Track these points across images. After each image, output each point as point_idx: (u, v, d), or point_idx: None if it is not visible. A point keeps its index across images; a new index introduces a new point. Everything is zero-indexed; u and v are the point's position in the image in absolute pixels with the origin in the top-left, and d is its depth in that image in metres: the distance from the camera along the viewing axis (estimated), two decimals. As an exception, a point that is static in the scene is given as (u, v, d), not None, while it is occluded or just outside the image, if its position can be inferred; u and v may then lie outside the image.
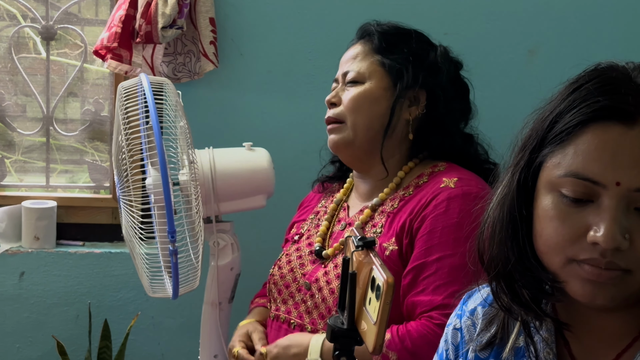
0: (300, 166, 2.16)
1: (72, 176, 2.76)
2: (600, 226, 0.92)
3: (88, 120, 2.71)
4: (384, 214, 1.73)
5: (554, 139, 0.97)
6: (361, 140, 1.78)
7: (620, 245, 0.92)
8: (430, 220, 1.64)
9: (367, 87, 1.78)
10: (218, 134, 2.47)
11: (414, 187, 1.74)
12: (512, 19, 2.59)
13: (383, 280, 1.01)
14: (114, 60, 2.38)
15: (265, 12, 2.54)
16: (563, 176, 0.95)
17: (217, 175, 1.99)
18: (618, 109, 0.93)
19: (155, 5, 2.32)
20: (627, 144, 0.92)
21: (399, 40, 1.83)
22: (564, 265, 0.97)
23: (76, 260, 2.60)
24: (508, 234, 1.02)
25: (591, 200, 0.94)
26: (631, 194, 0.92)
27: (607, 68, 0.99)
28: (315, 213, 1.91)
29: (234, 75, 2.55)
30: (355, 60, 1.83)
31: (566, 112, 0.97)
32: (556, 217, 0.96)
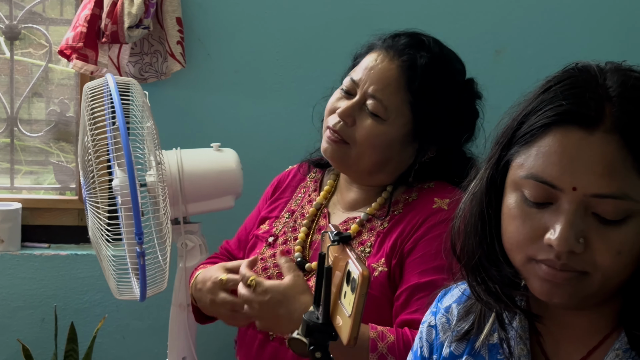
0: (269, 166, 2.15)
1: (37, 177, 2.74)
2: (556, 229, 0.93)
3: (53, 120, 2.68)
4: (372, 232, 1.66)
5: (520, 138, 0.98)
6: (361, 169, 1.68)
7: (574, 248, 0.93)
8: (424, 243, 1.59)
9: (388, 130, 1.63)
10: (185, 135, 2.46)
11: (404, 203, 1.67)
12: (478, 18, 2.60)
13: (358, 273, 1.02)
14: (79, 60, 2.36)
15: (233, 12, 2.53)
16: (524, 177, 0.96)
17: (185, 176, 1.99)
18: (579, 113, 0.93)
19: (121, 5, 2.30)
20: (586, 149, 0.92)
21: (438, 87, 1.65)
22: (524, 264, 0.98)
23: (41, 262, 2.57)
24: (477, 228, 1.04)
25: (551, 202, 0.95)
26: (588, 199, 0.93)
27: (579, 69, 0.99)
28: (290, 212, 1.82)
29: (201, 75, 2.54)
30: (387, 89, 1.63)
31: (533, 113, 0.97)
32: (518, 217, 0.97)
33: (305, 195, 1.83)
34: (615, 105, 0.93)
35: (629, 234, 0.93)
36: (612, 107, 0.93)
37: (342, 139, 1.66)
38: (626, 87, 0.95)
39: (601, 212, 0.93)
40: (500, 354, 1.07)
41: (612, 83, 0.96)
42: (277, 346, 1.69)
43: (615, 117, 0.92)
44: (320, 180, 1.84)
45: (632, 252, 0.94)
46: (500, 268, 1.02)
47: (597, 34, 2.62)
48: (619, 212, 0.92)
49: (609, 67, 0.99)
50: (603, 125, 0.93)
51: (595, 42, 2.60)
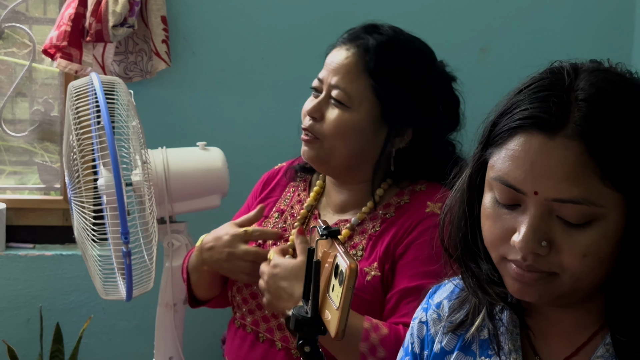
0: (255, 165, 2.15)
1: (21, 177, 2.72)
2: (521, 231, 0.95)
3: (37, 120, 2.66)
4: (364, 235, 1.65)
5: (493, 140, 0.99)
6: (337, 162, 1.67)
7: (537, 251, 0.94)
8: (416, 247, 1.58)
9: (355, 116, 1.63)
10: (171, 134, 2.45)
11: (395, 207, 1.66)
12: (464, 17, 2.61)
13: (346, 265, 1.03)
14: (63, 60, 2.35)
15: (218, 10, 2.53)
16: (493, 180, 0.98)
17: (171, 175, 1.98)
18: (541, 118, 0.94)
19: (105, 4, 2.29)
20: (547, 154, 0.93)
21: (398, 65, 1.65)
22: (499, 262, 1.00)
23: (26, 263, 2.55)
24: (460, 224, 1.06)
25: (519, 204, 0.96)
26: (550, 203, 0.94)
27: (551, 72, 0.99)
28: (280, 212, 1.81)
29: (187, 73, 2.53)
30: (346, 77, 1.64)
31: (504, 115, 0.99)
32: (491, 217, 0.99)
33: (295, 195, 1.82)
34: (580, 109, 0.93)
35: (593, 237, 0.93)
36: (578, 111, 0.93)
37: (315, 136, 1.66)
38: (596, 91, 0.95)
39: (564, 216, 0.94)
40: (492, 350, 1.07)
41: (582, 85, 0.96)
42: (267, 348, 1.69)
43: (579, 122, 0.93)
44: (309, 180, 1.83)
45: (599, 254, 0.94)
46: (479, 265, 1.05)
47: (581, 32, 2.63)
48: (581, 217, 0.93)
49: (585, 67, 0.99)
50: (565, 130, 0.93)
51: (579, 40, 2.61)
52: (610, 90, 0.96)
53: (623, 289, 0.97)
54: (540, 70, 1.01)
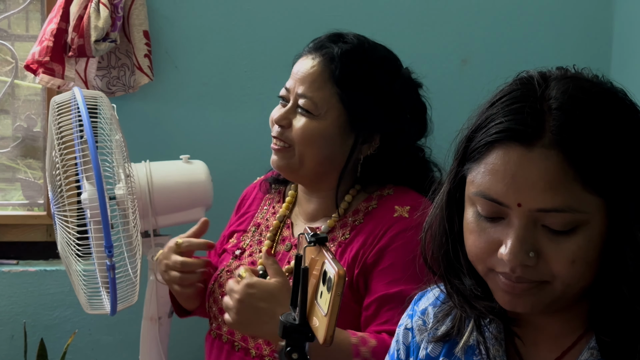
0: (238, 178, 2.15)
1: (4, 194, 2.71)
2: (507, 244, 0.95)
3: (20, 136, 2.66)
4: (334, 242, 1.66)
5: (470, 155, 0.99)
6: (307, 171, 1.68)
7: (525, 262, 0.94)
8: (390, 253, 1.59)
9: (322, 124, 1.65)
10: (155, 147, 2.45)
11: (364, 213, 1.67)
12: (444, 28, 2.63)
13: (334, 272, 1.03)
14: (46, 75, 2.35)
15: (200, 24, 2.54)
16: (474, 195, 0.98)
17: (154, 189, 1.98)
18: (518, 130, 0.94)
19: (87, 19, 2.29)
20: (526, 165, 0.93)
21: (362, 72, 1.66)
22: (486, 274, 1.00)
23: (10, 279, 2.54)
24: (441, 241, 1.06)
25: (502, 217, 0.96)
26: (534, 214, 0.94)
27: (521, 82, 0.99)
28: (256, 225, 1.82)
29: (170, 87, 2.54)
30: (312, 85, 1.66)
31: (479, 129, 0.99)
32: (474, 231, 0.99)
33: (270, 207, 1.83)
34: (555, 118, 0.94)
35: (580, 243, 0.94)
36: (553, 120, 0.94)
37: (284, 144, 1.68)
38: (568, 98, 0.95)
39: (550, 224, 0.94)
40: (477, 355, 1.08)
41: (554, 93, 0.96)
42: (242, 356, 1.68)
43: (555, 131, 0.93)
44: (283, 191, 1.84)
45: (587, 259, 0.95)
46: (462, 281, 1.05)
47: (561, 43, 2.65)
48: (566, 224, 0.93)
49: (554, 75, 1.00)
50: (542, 140, 0.93)
51: (559, 51, 2.63)
52: (582, 97, 0.96)
53: (607, 290, 0.97)
54: (509, 82, 1.01)
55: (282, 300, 1.50)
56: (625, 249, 0.95)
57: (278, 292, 1.52)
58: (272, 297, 1.51)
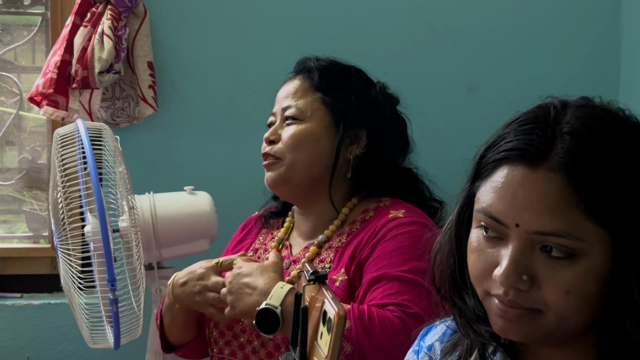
0: (243, 209, 2.13)
1: (10, 226, 2.70)
2: (502, 264, 0.94)
3: (25, 168, 2.65)
4: (331, 249, 1.71)
5: (480, 173, 0.99)
6: (300, 178, 1.75)
7: (517, 285, 0.93)
8: (381, 245, 1.64)
9: (308, 126, 1.75)
10: (159, 179, 2.44)
11: (361, 222, 1.73)
12: (451, 57, 2.62)
13: (334, 312, 1.01)
14: (50, 107, 2.34)
15: (205, 55, 2.53)
16: (478, 212, 0.98)
17: (158, 221, 1.97)
18: (524, 150, 0.94)
19: (91, 50, 2.29)
20: (528, 186, 0.92)
21: (339, 77, 1.80)
22: (483, 297, 0.99)
23: (14, 312, 2.52)
24: (449, 262, 1.05)
25: (502, 237, 0.95)
26: (531, 236, 0.92)
27: (539, 106, 1.00)
28: (254, 250, 1.86)
29: (174, 118, 2.53)
30: (295, 96, 1.79)
31: (491, 148, 0.99)
32: (475, 251, 0.98)
33: (269, 235, 1.87)
34: (564, 142, 0.93)
35: (577, 274, 0.91)
36: (561, 144, 0.93)
37: (273, 158, 1.76)
38: (581, 124, 0.94)
39: (547, 249, 0.92)
40: None
41: (568, 119, 0.95)
42: None
43: (561, 154, 0.92)
44: (282, 221, 1.89)
45: (584, 292, 0.92)
46: (465, 301, 1.04)
47: (569, 70, 2.64)
48: (563, 250, 0.91)
49: (574, 103, 0.99)
50: (547, 162, 0.92)
51: (567, 78, 2.62)
52: (595, 125, 0.95)
53: (613, 329, 0.94)
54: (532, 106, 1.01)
55: (265, 273, 1.57)
56: (631, 286, 0.92)
57: (263, 268, 1.59)
58: (256, 272, 1.58)
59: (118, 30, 2.31)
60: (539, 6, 2.65)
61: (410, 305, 1.53)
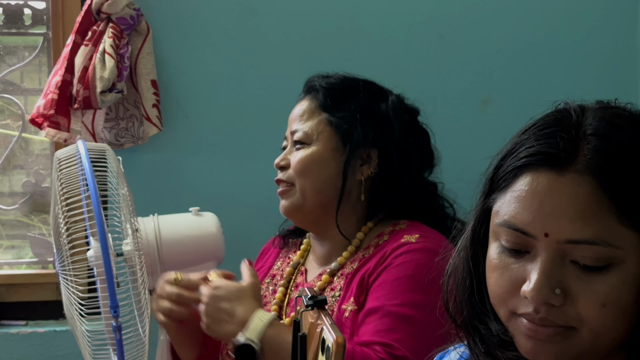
0: (252, 230, 2.09)
1: (18, 251, 2.66)
2: (531, 279, 0.87)
3: (28, 192, 2.61)
4: (342, 276, 1.66)
5: (497, 184, 0.93)
6: (311, 204, 1.70)
7: (550, 300, 0.86)
8: (386, 272, 1.58)
9: (315, 150, 1.70)
10: (164, 200, 2.41)
11: (374, 246, 1.67)
12: (463, 68, 2.59)
13: (332, 340, 0.95)
14: (51, 129, 2.30)
15: (211, 73, 2.50)
16: (499, 225, 0.91)
17: (163, 244, 1.92)
18: (549, 154, 0.88)
19: (92, 70, 2.25)
20: (556, 192, 0.86)
21: (345, 94, 1.74)
22: (508, 319, 0.92)
23: (18, 341, 2.47)
24: (465, 284, 0.98)
25: (528, 251, 0.89)
26: (562, 246, 0.86)
27: (557, 110, 0.95)
28: (271, 277, 1.82)
29: (180, 138, 2.50)
30: (302, 118, 1.75)
31: (508, 156, 0.93)
32: (497, 268, 0.91)
33: (286, 258, 1.83)
34: (590, 143, 0.87)
35: (613, 284, 0.85)
36: (587, 145, 0.87)
37: (286, 185, 1.72)
38: (605, 124, 0.89)
39: (580, 259, 0.86)
40: None
41: (590, 121, 0.90)
42: None
43: (589, 156, 0.86)
44: (300, 242, 1.84)
45: (621, 304, 0.86)
46: (489, 326, 0.96)
47: (585, 79, 2.61)
48: (597, 259, 0.85)
49: (592, 105, 0.94)
50: (575, 165, 0.87)
51: (583, 88, 2.58)
52: (620, 124, 0.89)
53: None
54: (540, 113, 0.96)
55: (243, 300, 1.53)
56: None
57: (241, 292, 1.55)
58: (234, 297, 1.54)
59: (120, 48, 2.27)
60: (554, 15, 2.62)
61: (397, 347, 1.47)
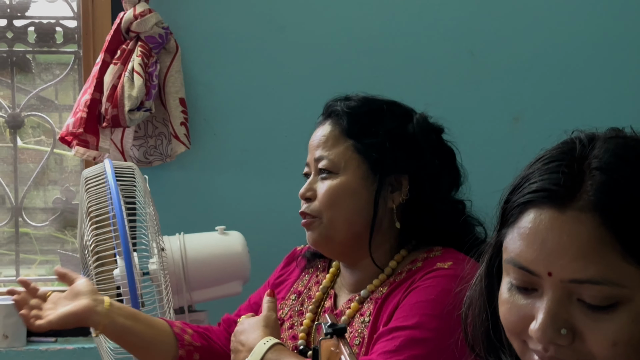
0: (277, 249, 2.05)
1: (52, 267, 2.67)
2: (537, 318, 0.84)
3: (59, 209, 2.62)
4: (372, 301, 1.59)
5: (506, 219, 0.90)
6: (342, 236, 1.62)
7: (556, 341, 0.83)
8: (410, 295, 1.52)
9: (344, 179, 1.62)
10: (192, 218, 2.39)
11: (406, 272, 1.59)
12: (494, 85, 2.55)
13: None
14: (80, 147, 2.30)
15: (239, 90, 2.49)
16: (507, 262, 0.88)
17: (189, 263, 1.91)
18: (550, 190, 0.85)
19: (121, 88, 2.25)
20: (557, 230, 0.83)
21: (371, 119, 1.66)
22: (522, 353, 0.89)
23: (47, 358, 2.47)
24: (482, 318, 0.96)
25: (535, 288, 0.86)
26: (567, 285, 0.83)
27: (564, 141, 0.91)
28: (297, 294, 1.75)
29: (208, 155, 2.49)
30: (326, 145, 1.66)
31: (515, 191, 0.90)
32: (506, 303, 0.89)
33: (313, 276, 1.76)
34: (593, 178, 0.84)
35: (622, 323, 0.82)
36: (590, 181, 0.84)
37: (311, 217, 1.63)
38: (611, 157, 0.85)
39: (586, 298, 0.82)
40: None
41: (596, 152, 0.86)
42: None
43: (592, 192, 0.83)
44: (329, 260, 1.77)
45: (632, 342, 0.82)
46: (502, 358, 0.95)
47: (618, 96, 2.54)
48: (603, 299, 0.82)
49: (603, 135, 0.90)
50: (576, 202, 0.83)
51: (616, 105, 2.53)
52: (627, 156, 0.85)
53: None
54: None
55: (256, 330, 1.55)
56: None
57: (256, 323, 1.56)
58: (250, 327, 1.56)
59: (149, 66, 2.27)
60: (586, 31, 2.57)
61: None
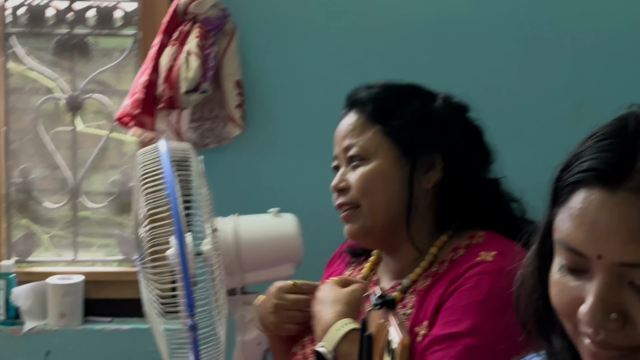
0: (330, 232, 2.04)
1: (111, 249, 2.71)
2: (587, 302, 0.82)
3: (115, 191, 2.65)
4: (414, 292, 1.57)
5: (557, 198, 0.87)
6: (382, 223, 1.60)
7: (606, 325, 0.81)
8: (457, 294, 1.48)
9: (377, 164, 1.60)
10: (246, 201, 2.38)
11: (449, 261, 1.56)
12: (556, 71, 2.51)
13: (398, 340, 0.91)
14: (137, 128, 2.32)
15: (296, 74, 2.49)
16: (557, 243, 0.86)
17: (242, 244, 1.90)
18: (600, 170, 0.82)
19: (177, 70, 2.26)
20: (607, 211, 0.80)
21: (396, 102, 1.64)
22: (575, 335, 0.86)
23: (103, 337, 2.51)
24: (533, 298, 0.93)
25: (586, 270, 0.83)
26: (617, 268, 0.80)
27: (619, 118, 0.88)
28: None
29: (263, 138, 2.49)
30: (353, 133, 1.64)
31: (566, 169, 0.87)
32: (558, 284, 0.86)
33: (358, 266, 1.76)
34: None
35: None
36: None
37: (349, 207, 1.62)
38: None
39: (638, 282, 0.79)
40: None
41: None
42: None
43: None
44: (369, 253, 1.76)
45: None
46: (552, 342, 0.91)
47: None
48: None
49: None
50: (628, 182, 0.80)
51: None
52: None
53: None
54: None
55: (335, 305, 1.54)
56: None
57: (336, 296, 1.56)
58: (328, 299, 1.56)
59: (205, 48, 2.27)
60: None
61: None
